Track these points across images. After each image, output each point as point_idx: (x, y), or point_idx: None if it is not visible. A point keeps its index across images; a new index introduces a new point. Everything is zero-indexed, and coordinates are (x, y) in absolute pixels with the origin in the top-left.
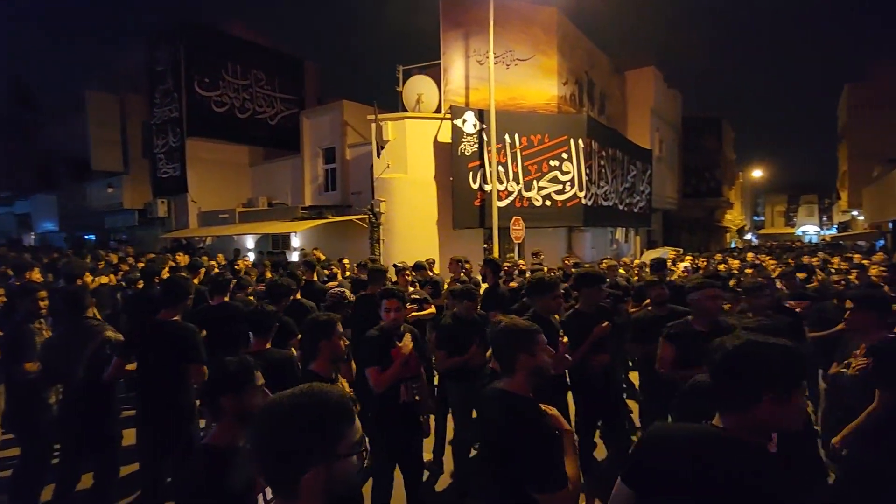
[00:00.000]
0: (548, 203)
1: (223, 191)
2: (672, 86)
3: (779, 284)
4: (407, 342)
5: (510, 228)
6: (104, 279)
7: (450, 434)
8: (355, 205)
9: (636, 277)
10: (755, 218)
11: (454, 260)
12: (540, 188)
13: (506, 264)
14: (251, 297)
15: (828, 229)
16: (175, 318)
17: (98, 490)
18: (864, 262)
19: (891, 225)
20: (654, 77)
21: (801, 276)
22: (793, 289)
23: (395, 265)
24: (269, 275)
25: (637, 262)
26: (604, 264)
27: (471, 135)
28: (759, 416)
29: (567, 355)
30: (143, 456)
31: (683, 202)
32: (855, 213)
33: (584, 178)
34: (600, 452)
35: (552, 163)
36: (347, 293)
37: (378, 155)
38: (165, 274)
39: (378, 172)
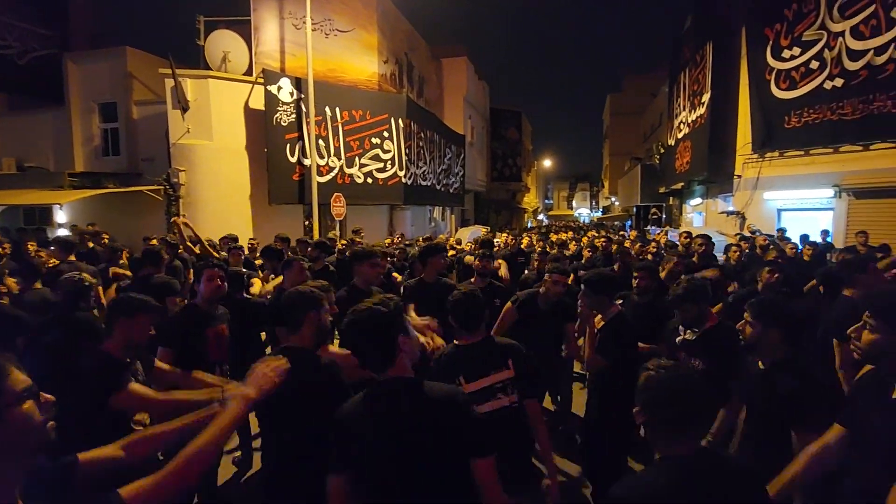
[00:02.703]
0: (369, 181)
1: None
2: (482, 78)
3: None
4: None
5: (331, 205)
6: None
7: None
8: (147, 173)
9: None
10: (546, 201)
11: (278, 238)
12: (362, 165)
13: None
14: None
15: (595, 212)
16: None
17: None
18: (615, 238)
19: (635, 209)
20: (466, 67)
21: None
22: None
23: (223, 238)
24: None
25: (458, 238)
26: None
27: (287, 104)
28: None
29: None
30: None
31: (491, 185)
32: (613, 199)
33: (405, 157)
34: None
35: (374, 140)
36: (87, 277)
37: (183, 116)
38: None
39: (176, 137)
